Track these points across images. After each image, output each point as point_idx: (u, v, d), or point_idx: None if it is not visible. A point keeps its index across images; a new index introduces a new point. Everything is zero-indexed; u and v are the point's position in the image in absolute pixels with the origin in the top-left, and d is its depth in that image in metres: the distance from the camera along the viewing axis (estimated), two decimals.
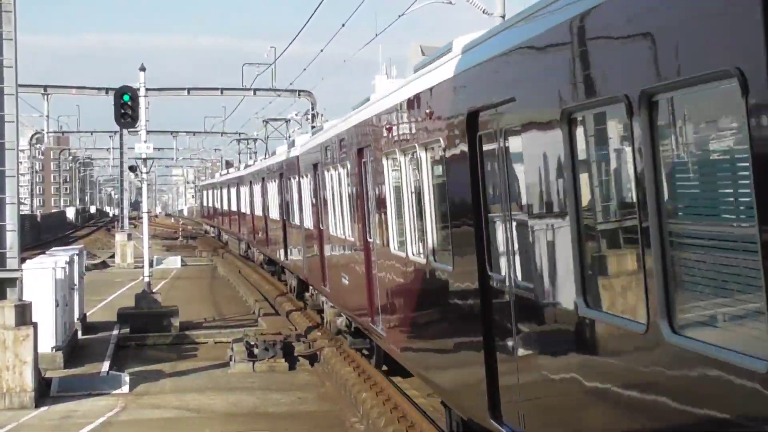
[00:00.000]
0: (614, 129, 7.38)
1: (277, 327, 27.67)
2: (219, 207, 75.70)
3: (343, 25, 34.60)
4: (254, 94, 60.03)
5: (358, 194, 18.90)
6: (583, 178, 7.89)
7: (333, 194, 22.49)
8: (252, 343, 22.88)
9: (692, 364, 5.90)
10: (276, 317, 31.61)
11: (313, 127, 51.99)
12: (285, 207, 34.45)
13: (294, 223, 31.85)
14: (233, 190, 62.07)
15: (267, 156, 52.73)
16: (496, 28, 10.49)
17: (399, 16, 28.38)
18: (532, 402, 9.38)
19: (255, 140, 78.29)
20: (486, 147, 10.44)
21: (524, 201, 9.12)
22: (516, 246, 9.75)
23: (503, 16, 21.76)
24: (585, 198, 7.91)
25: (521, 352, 9.58)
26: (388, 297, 16.37)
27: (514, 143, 9.45)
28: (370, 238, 17.95)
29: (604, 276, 7.74)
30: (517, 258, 9.69)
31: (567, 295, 8.10)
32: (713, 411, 5.74)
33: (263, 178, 42.58)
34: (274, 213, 38.06)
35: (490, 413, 10.42)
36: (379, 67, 22.92)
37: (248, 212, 51.20)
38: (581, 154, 7.89)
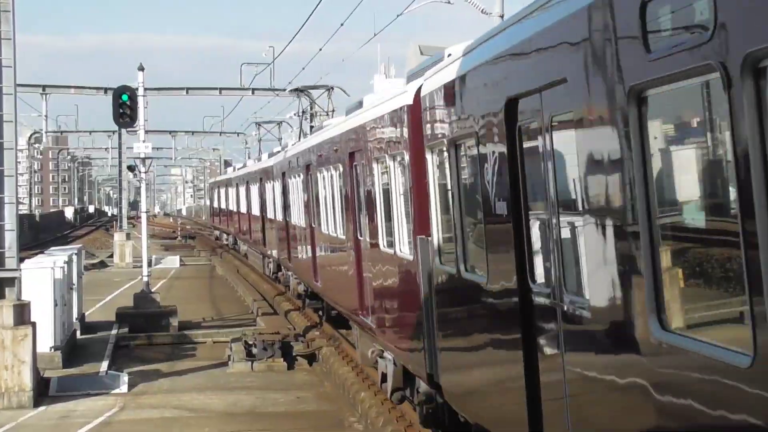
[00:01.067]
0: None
1: (275, 327, 27.66)
2: (235, 208, 59.50)
3: (342, 25, 34.65)
4: (253, 93, 60.04)
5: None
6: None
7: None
8: (250, 342, 22.88)
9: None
10: (274, 317, 31.62)
11: (312, 128, 52.01)
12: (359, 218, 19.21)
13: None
14: (254, 188, 46.44)
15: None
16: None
17: (397, 16, 28.44)
18: None
19: (279, 123, 67.96)
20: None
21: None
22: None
23: (502, 16, 21.78)
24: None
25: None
26: None
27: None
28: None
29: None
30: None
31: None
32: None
33: (306, 168, 26.53)
34: (334, 226, 22.22)
35: None
36: (377, 66, 22.88)
37: (280, 218, 34.58)
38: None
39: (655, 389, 6.09)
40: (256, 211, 45.68)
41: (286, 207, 32.84)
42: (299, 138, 43.67)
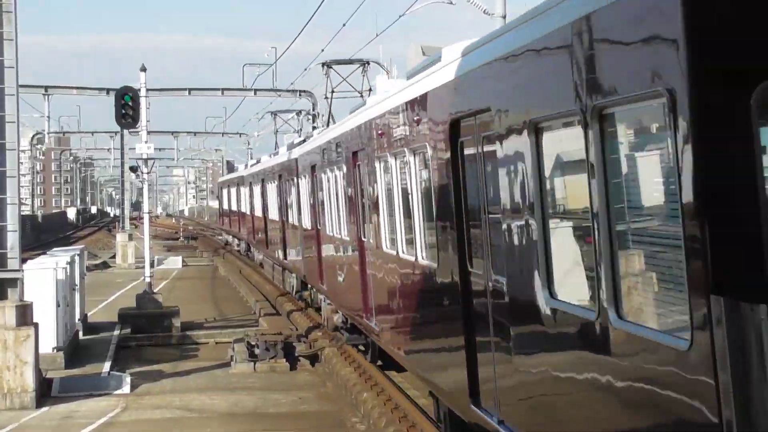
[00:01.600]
0: None
1: (277, 327, 27.66)
2: (248, 211, 49.73)
3: (344, 25, 34.64)
4: (255, 94, 60.06)
5: None
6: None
7: None
8: (253, 343, 22.88)
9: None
10: (277, 317, 31.60)
11: (314, 128, 51.99)
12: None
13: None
14: (272, 187, 38.67)
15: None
16: None
17: (399, 17, 28.43)
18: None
19: (299, 113, 59.52)
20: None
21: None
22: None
23: (504, 17, 21.77)
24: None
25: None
26: None
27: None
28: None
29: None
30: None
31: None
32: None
33: (353, 156, 19.36)
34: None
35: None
36: (380, 66, 22.90)
37: (308, 225, 27.88)
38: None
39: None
40: (274, 214, 37.86)
41: (316, 211, 25.48)
42: (327, 124, 36.32)
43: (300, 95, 59.07)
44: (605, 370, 7.15)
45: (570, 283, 8.14)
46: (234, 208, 61.76)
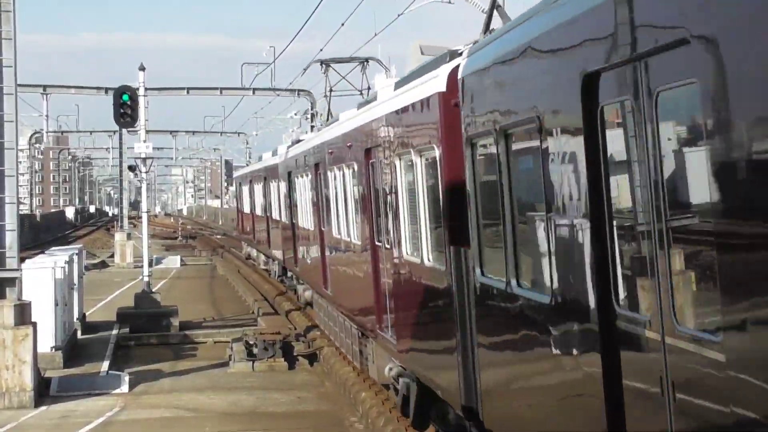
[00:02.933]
0: None
1: (276, 326, 27.66)
2: (290, 219, 31.40)
3: (343, 24, 34.63)
4: (253, 93, 60.05)
5: None
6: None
7: None
8: (251, 342, 22.88)
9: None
10: (275, 317, 31.61)
11: (312, 127, 51.93)
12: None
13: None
14: (340, 176, 20.36)
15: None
16: None
17: (398, 15, 28.44)
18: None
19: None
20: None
21: None
22: None
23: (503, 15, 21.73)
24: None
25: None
26: None
27: None
28: None
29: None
30: None
31: None
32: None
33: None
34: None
35: None
36: (378, 66, 22.89)
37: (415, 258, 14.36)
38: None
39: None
40: (345, 230, 20.08)
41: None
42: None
43: (299, 95, 59.08)
44: None
45: None
46: (260, 212, 43.04)
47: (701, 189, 5.55)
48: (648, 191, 6.28)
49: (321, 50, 40.77)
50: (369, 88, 24.11)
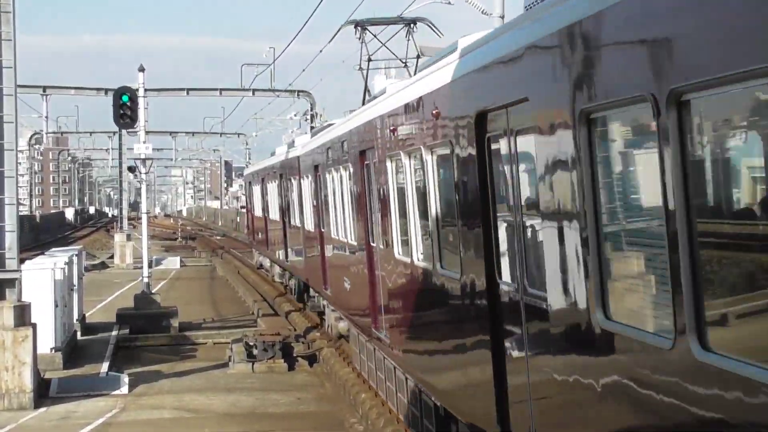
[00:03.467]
0: None
1: (276, 327, 27.66)
2: (315, 226, 24.82)
3: (342, 26, 34.61)
4: (253, 94, 60.07)
5: None
6: None
7: None
8: (251, 343, 22.88)
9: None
10: (275, 318, 31.61)
11: (312, 128, 51.88)
12: None
13: None
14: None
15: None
16: None
17: (398, 17, 28.36)
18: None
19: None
20: None
21: None
22: None
23: (502, 17, 21.77)
24: None
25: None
26: None
27: None
28: None
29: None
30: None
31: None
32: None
33: None
34: None
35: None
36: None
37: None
38: None
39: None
40: (419, 252, 13.51)
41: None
42: (363, 102, 21.77)
43: (298, 95, 59.11)
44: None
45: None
46: (275, 216, 36.19)
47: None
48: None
49: (321, 51, 40.80)
50: (418, 57, 20.17)
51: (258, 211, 43.59)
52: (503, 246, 9.56)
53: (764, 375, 5.03)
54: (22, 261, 20.50)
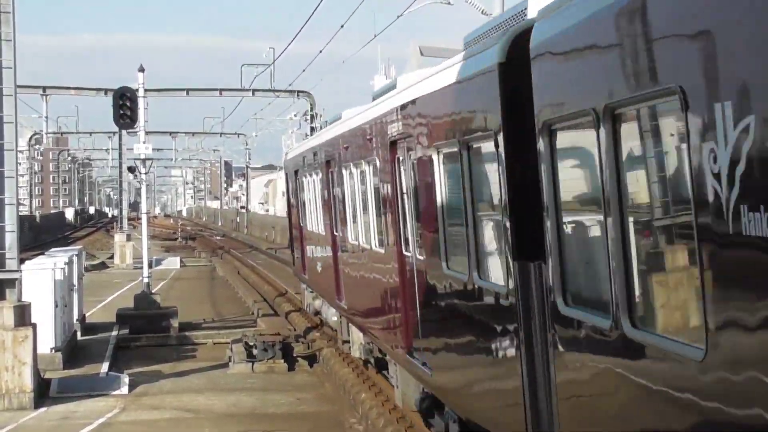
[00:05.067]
0: None
1: (276, 328, 27.67)
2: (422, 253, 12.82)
3: (342, 26, 34.64)
4: (253, 94, 60.12)
5: None
6: None
7: None
8: (251, 343, 22.88)
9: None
10: (275, 318, 31.62)
11: (312, 128, 51.85)
12: None
13: None
14: None
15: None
16: None
17: (398, 17, 28.42)
18: None
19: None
20: None
21: None
22: None
23: None
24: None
25: None
26: None
27: None
28: None
29: None
30: None
31: None
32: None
33: None
34: None
35: None
36: (378, 67, 22.86)
37: None
38: None
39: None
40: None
41: None
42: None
43: (298, 96, 59.13)
44: None
45: None
46: (352, 234, 18.61)
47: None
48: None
49: (320, 52, 40.82)
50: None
51: (311, 221, 24.58)
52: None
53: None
54: (22, 261, 20.50)
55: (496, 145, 9.07)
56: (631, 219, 6.76)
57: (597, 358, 7.26)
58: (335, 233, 20.66)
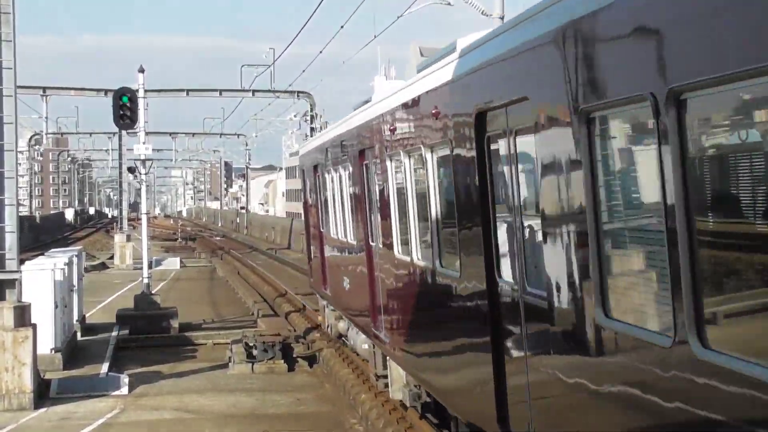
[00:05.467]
0: None
1: (276, 328, 27.66)
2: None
3: (342, 27, 34.69)
4: (253, 95, 60.17)
5: None
6: None
7: None
8: (251, 344, 22.88)
9: None
10: (275, 318, 31.62)
11: (312, 129, 51.84)
12: None
13: None
14: None
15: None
16: None
17: (398, 18, 28.44)
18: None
19: None
20: None
21: None
22: None
23: (502, 17, 21.80)
24: None
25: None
26: None
27: None
28: None
29: None
30: None
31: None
32: None
33: None
34: None
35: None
36: (378, 68, 22.89)
37: None
38: None
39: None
40: None
41: None
42: None
43: (298, 96, 59.14)
44: None
45: None
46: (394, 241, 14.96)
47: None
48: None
49: (320, 52, 40.85)
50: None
51: (341, 230, 20.62)
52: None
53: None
54: (22, 262, 20.49)
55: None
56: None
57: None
58: (371, 243, 16.63)
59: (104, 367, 22.65)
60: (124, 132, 55.06)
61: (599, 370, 7.09)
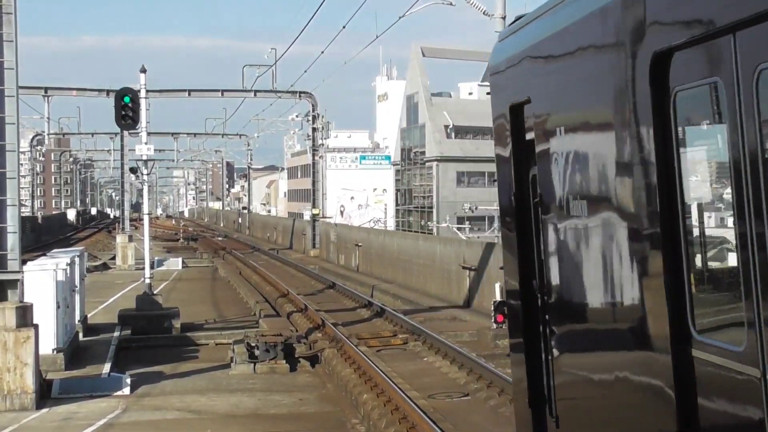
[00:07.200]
0: None
1: (277, 328, 27.66)
2: None
3: (344, 27, 34.70)
4: (255, 95, 60.20)
5: None
6: None
7: None
8: (253, 344, 22.88)
9: None
10: (277, 318, 31.61)
11: (314, 129, 51.81)
12: None
13: None
14: None
15: None
16: None
17: (399, 18, 28.48)
18: None
19: None
20: None
21: None
22: None
23: (504, 18, 21.79)
24: None
25: None
26: None
27: None
28: None
29: None
30: None
31: None
32: None
33: None
34: None
35: None
36: (379, 68, 22.90)
37: None
38: None
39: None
40: None
41: None
42: None
43: (300, 96, 59.16)
44: None
45: None
46: None
47: None
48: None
49: (322, 53, 40.85)
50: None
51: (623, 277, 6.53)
52: None
53: None
54: (24, 262, 20.50)
55: None
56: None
57: None
58: None
59: (106, 368, 22.65)
60: (126, 132, 55.04)
61: None
